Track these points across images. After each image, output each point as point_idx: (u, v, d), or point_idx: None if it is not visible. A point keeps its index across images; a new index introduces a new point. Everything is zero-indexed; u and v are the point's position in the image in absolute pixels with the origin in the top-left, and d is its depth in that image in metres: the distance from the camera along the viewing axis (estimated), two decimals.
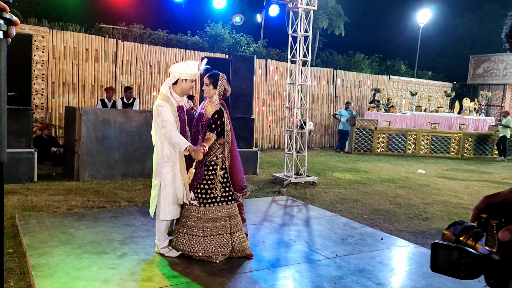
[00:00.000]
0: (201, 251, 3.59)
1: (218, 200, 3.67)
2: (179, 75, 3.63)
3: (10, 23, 0.76)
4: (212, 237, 3.61)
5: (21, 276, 3.20)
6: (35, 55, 9.48)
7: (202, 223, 3.60)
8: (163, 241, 3.72)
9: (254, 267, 3.63)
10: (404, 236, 4.83)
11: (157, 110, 3.55)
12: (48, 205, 5.26)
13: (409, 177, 9.14)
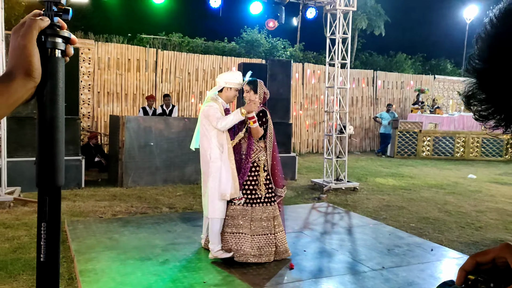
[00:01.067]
0: (249, 248, 3.68)
1: (262, 200, 3.83)
2: (224, 83, 3.85)
3: (68, 41, 0.74)
4: (259, 236, 3.76)
5: (69, 282, 3.28)
6: (82, 67, 9.87)
7: (249, 222, 3.75)
8: (217, 244, 3.71)
9: (296, 277, 3.53)
10: (456, 247, 4.56)
11: (206, 110, 3.73)
12: (95, 210, 5.41)
13: (459, 182, 8.70)
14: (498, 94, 0.55)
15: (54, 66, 0.71)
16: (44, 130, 0.70)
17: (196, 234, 4.48)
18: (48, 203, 0.70)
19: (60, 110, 0.72)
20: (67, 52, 0.75)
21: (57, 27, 0.72)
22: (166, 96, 9.20)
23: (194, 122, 7.77)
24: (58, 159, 0.71)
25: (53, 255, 0.70)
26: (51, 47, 0.71)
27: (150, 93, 10.63)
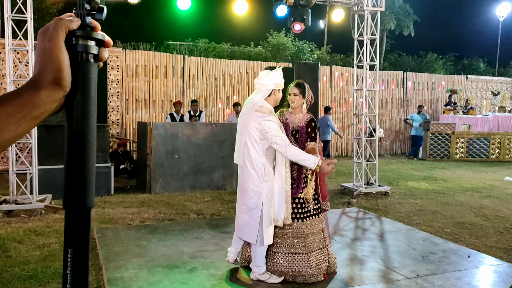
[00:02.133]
0: (307, 269, 3.39)
1: (312, 213, 3.51)
2: (275, 85, 3.38)
3: (102, 44, 0.66)
4: (316, 252, 3.47)
5: None
6: (111, 75, 10.09)
7: (303, 239, 3.44)
8: (263, 266, 3.45)
9: (327, 286, 3.42)
10: (495, 253, 4.32)
11: (264, 125, 3.25)
12: (124, 217, 5.47)
13: (495, 185, 8.32)
14: None
15: (85, 73, 0.63)
16: (74, 145, 0.62)
17: (224, 241, 4.44)
18: (77, 227, 0.63)
19: (92, 123, 0.64)
20: (101, 57, 0.66)
21: (90, 28, 0.64)
22: (193, 102, 9.27)
23: (222, 127, 7.82)
24: (89, 178, 0.63)
25: (80, 284, 0.62)
26: (82, 51, 0.63)
27: (177, 99, 10.75)
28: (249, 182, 3.32)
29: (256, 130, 3.28)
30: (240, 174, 3.41)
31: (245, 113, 3.38)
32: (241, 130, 3.38)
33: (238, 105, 9.56)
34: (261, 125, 3.25)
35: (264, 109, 3.32)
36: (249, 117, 3.31)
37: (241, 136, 3.36)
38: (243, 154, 3.35)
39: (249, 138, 3.31)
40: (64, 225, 0.63)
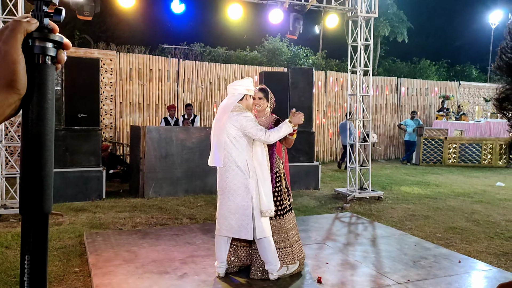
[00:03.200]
0: (293, 260, 3.64)
1: (287, 209, 3.77)
2: (246, 91, 3.56)
3: (61, 46, 0.65)
4: (296, 245, 3.74)
5: None
6: (104, 78, 10.06)
7: (286, 233, 3.68)
8: (278, 262, 3.48)
9: None
10: (485, 259, 4.34)
11: (241, 121, 3.40)
12: (115, 222, 5.43)
13: (487, 190, 8.37)
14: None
15: (42, 75, 0.62)
16: (30, 150, 0.61)
17: None
18: (34, 233, 0.61)
19: (49, 126, 0.62)
20: (59, 59, 0.65)
21: (47, 30, 0.63)
22: (188, 105, 9.26)
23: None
24: (46, 183, 0.62)
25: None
26: (39, 53, 0.62)
27: (171, 103, 10.73)
28: (235, 181, 3.44)
29: (234, 128, 3.43)
30: (222, 176, 3.51)
31: (219, 118, 3.52)
32: (217, 133, 3.50)
33: None
34: (239, 121, 3.41)
35: (238, 108, 3.51)
36: (223, 118, 3.47)
37: (219, 138, 3.48)
38: (223, 155, 3.46)
39: (228, 138, 3.45)
40: (21, 232, 0.61)
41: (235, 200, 3.43)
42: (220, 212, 3.53)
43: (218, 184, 3.56)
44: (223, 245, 3.58)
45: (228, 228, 3.46)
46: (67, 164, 6.43)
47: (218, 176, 3.55)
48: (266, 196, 3.46)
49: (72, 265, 3.84)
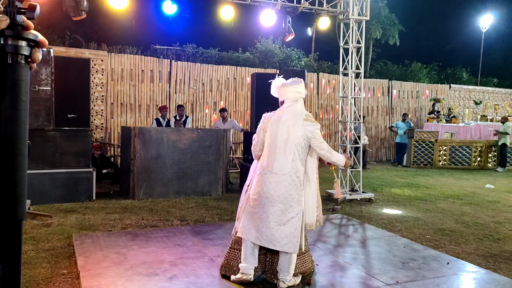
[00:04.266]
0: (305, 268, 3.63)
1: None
2: (304, 94, 3.53)
3: (36, 44, 0.62)
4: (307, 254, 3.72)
5: None
6: (95, 78, 9.99)
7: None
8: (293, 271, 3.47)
9: None
10: (474, 260, 4.38)
11: (314, 132, 3.37)
12: (104, 223, 5.39)
13: (476, 192, 8.45)
14: None
15: (15, 75, 0.59)
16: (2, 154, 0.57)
17: (206, 248, 4.41)
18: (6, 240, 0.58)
19: (23, 129, 0.59)
20: (33, 58, 0.62)
21: (21, 27, 0.60)
22: (180, 106, 9.22)
23: (208, 133, 7.78)
24: (20, 189, 0.59)
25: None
26: (12, 52, 0.59)
27: (163, 104, 10.69)
28: (291, 191, 3.31)
29: (305, 138, 3.36)
30: (278, 184, 3.30)
31: (288, 121, 3.36)
32: (285, 137, 3.34)
33: (225, 111, 9.55)
34: (313, 133, 3.37)
35: (310, 117, 3.45)
36: (296, 125, 3.35)
37: (287, 145, 3.33)
38: (289, 163, 3.32)
39: (296, 146, 3.34)
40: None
41: (286, 212, 3.30)
42: (262, 221, 3.30)
43: (265, 191, 3.32)
44: (255, 249, 3.42)
45: (271, 240, 3.28)
46: (56, 165, 6.37)
47: (266, 183, 3.33)
48: (311, 209, 3.44)
49: (60, 267, 3.80)
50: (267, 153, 3.40)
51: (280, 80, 3.58)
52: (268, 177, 3.33)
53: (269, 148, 3.39)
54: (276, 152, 3.34)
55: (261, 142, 3.50)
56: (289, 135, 3.35)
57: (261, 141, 3.50)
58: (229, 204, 6.69)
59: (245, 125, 11.66)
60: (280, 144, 3.34)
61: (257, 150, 3.55)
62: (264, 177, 3.35)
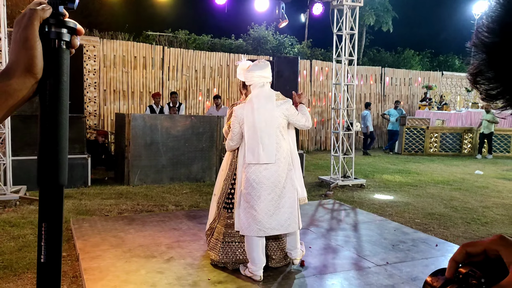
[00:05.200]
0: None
1: None
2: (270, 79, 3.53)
3: (74, 32, 0.69)
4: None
5: (73, 280, 3.31)
6: (87, 64, 9.94)
7: None
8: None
9: (301, 274, 3.53)
10: (461, 243, 4.50)
11: (291, 109, 3.41)
12: (101, 209, 5.45)
13: (466, 178, 8.63)
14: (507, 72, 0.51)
15: (58, 59, 0.66)
16: (47, 126, 0.66)
17: (201, 231, 4.50)
18: (50, 202, 0.66)
19: (64, 106, 0.67)
20: (73, 44, 0.70)
21: (62, 17, 0.67)
22: (173, 93, 9.23)
23: (201, 120, 7.82)
24: (62, 157, 0.67)
25: (54, 256, 0.66)
26: (55, 38, 0.66)
27: (156, 91, 10.68)
28: (282, 174, 3.32)
29: (283, 118, 3.37)
30: (268, 172, 3.28)
31: (262, 107, 3.29)
32: (264, 125, 3.28)
33: (219, 98, 9.58)
34: (288, 110, 3.39)
35: (280, 96, 3.47)
36: (272, 108, 3.33)
37: (269, 131, 3.28)
38: (276, 149, 3.30)
39: (278, 128, 3.33)
40: (39, 201, 0.66)
41: (287, 195, 3.33)
42: (261, 211, 3.26)
43: (257, 182, 3.27)
44: (260, 245, 3.35)
45: (276, 226, 3.30)
46: None
47: (257, 174, 3.28)
48: (301, 184, 3.53)
49: None
50: (249, 147, 3.30)
51: (246, 63, 3.49)
52: (257, 169, 3.28)
53: (251, 141, 3.29)
54: (259, 143, 3.27)
55: (238, 135, 3.37)
56: (267, 121, 3.29)
57: (238, 134, 3.36)
58: None
59: None
60: (261, 134, 3.27)
61: (234, 144, 3.42)
62: (252, 170, 3.30)
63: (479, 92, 0.57)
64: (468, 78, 0.58)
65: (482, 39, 0.52)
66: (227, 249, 3.51)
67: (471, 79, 0.57)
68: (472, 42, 0.55)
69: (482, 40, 0.52)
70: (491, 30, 0.51)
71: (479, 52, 0.54)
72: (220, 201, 3.59)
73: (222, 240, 3.52)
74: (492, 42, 0.51)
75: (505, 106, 0.54)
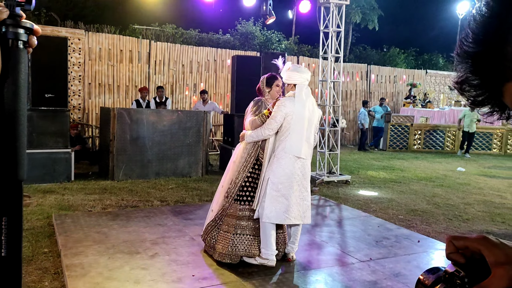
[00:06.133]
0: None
1: None
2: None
3: (31, 32, 0.72)
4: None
5: (55, 276, 3.27)
6: (72, 57, 9.77)
7: None
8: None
9: (285, 269, 3.55)
10: (443, 239, 4.61)
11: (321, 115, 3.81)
12: (84, 204, 5.39)
13: (448, 175, 8.78)
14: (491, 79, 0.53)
15: (16, 58, 0.69)
16: (6, 124, 0.68)
17: (187, 227, 4.49)
18: (9, 197, 0.68)
19: (22, 103, 0.70)
20: (30, 43, 0.73)
21: (19, 17, 0.70)
22: (159, 88, 9.15)
23: (188, 114, 7.77)
24: (20, 153, 0.70)
25: (14, 250, 0.68)
26: (12, 38, 0.69)
27: (143, 85, 10.57)
28: (309, 170, 3.65)
29: (318, 119, 3.72)
30: (303, 166, 3.54)
31: (312, 106, 3.58)
32: (311, 122, 3.58)
33: (206, 93, 9.53)
34: (320, 115, 3.76)
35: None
36: (316, 109, 3.65)
37: (311, 129, 3.57)
38: (312, 148, 3.64)
39: (315, 128, 3.67)
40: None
41: (307, 189, 3.60)
42: (294, 200, 3.46)
43: (293, 173, 3.47)
44: (274, 234, 3.53)
45: (298, 217, 3.52)
46: (34, 145, 6.28)
47: (298, 166, 3.49)
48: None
49: (41, 246, 3.82)
50: (293, 139, 3.45)
51: (287, 64, 3.67)
52: (294, 161, 3.48)
53: (295, 135, 3.45)
54: (303, 138, 3.50)
55: (279, 125, 3.47)
56: (311, 120, 3.56)
57: (279, 124, 3.46)
58: (209, 186, 6.76)
59: (225, 107, 11.66)
60: (307, 130, 3.53)
61: (271, 133, 3.51)
62: (287, 161, 3.46)
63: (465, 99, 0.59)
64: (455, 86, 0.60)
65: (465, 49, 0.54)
66: (237, 241, 3.54)
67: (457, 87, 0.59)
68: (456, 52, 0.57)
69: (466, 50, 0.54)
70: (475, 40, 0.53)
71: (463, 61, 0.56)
72: (231, 194, 3.63)
73: (233, 232, 3.54)
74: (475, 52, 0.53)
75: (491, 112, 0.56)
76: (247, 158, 3.63)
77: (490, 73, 0.53)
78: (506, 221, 5.42)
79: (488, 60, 0.52)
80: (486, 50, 0.52)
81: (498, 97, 0.54)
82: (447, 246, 0.63)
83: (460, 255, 0.61)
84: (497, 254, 0.57)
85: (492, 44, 0.51)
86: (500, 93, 0.53)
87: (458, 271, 0.60)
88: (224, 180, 3.77)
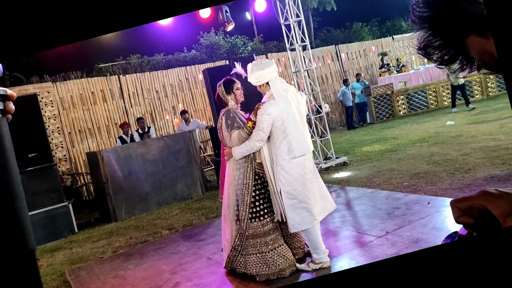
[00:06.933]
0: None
1: None
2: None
3: (6, 98, 0.69)
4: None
5: None
6: (46, 111, 9.67)
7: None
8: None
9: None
10: (451, 194, 4.64)
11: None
12: (94, 252, 5.32)
13: (440, 131, 8.85)
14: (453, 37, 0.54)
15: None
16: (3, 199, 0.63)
17: (201, 249, 4.45)
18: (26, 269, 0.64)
19: (14, 173, 0.65)
20: (8, 110, 0.70)
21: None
22: (139, 119, 9.09)
23: (174, 138, 7.73)
24: (25, 223, 0.65)
25: None
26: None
27: (123, 121, 10.49)
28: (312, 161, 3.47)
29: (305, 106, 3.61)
30: (311, 161, 3.41)
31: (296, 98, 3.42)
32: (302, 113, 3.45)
33: (186, 112, 9.50)
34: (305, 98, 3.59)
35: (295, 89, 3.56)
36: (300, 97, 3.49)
37: (304, 120, 3.46)
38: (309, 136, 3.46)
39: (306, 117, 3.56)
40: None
41: (319, 179, 3.48)
42: (312, 200, 3.28)
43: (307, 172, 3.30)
44: (318, 231, 3.42)
45: (321, 211, 3.38)
46: (30, 206, 6.18)
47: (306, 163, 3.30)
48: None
49: None
50: (295, 139, 3.23)
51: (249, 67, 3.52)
52: (300, 161, 3.27)
53: (294, 134, 3.23)
54: (303, 133, 3.32)
55: (267, 135, 3.29)
56: (301, 111, 3.41)
57: (267, 134, 3.28)
58: (212, 202, 6.73)
59: (209, 122, 11.64)
60: (302, 124, 3.36)
61: (262, 144, 3.32)
62: (294, 164, 3.25)
63: (433, 61, 0.60)
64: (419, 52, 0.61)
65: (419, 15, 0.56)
66: (276, 256, 3.34)
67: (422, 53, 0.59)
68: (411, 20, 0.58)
69: (420, 15, 0.56)
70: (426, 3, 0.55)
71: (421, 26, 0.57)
72: (242, 217, 3.37)
73: (268, 250, 3.35)
74: (430, 15, 0.55)
75: (461, 67, 0.57)
76: (246, 175, 3.40)
77: (450, 31, 0.54)
78: (506, 161, 5.47)
79: (445, 20, 0.54)
80: (441, 10, 0.53)
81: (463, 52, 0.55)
82: (453, 211, 0.63)
83: (467, 217, 0.61)
84: (502, 205, 0.57)
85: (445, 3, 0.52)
86: (464, 47, 0.54)
87: (470, 233, 0.61)
88: (225, 206, 3.53)
